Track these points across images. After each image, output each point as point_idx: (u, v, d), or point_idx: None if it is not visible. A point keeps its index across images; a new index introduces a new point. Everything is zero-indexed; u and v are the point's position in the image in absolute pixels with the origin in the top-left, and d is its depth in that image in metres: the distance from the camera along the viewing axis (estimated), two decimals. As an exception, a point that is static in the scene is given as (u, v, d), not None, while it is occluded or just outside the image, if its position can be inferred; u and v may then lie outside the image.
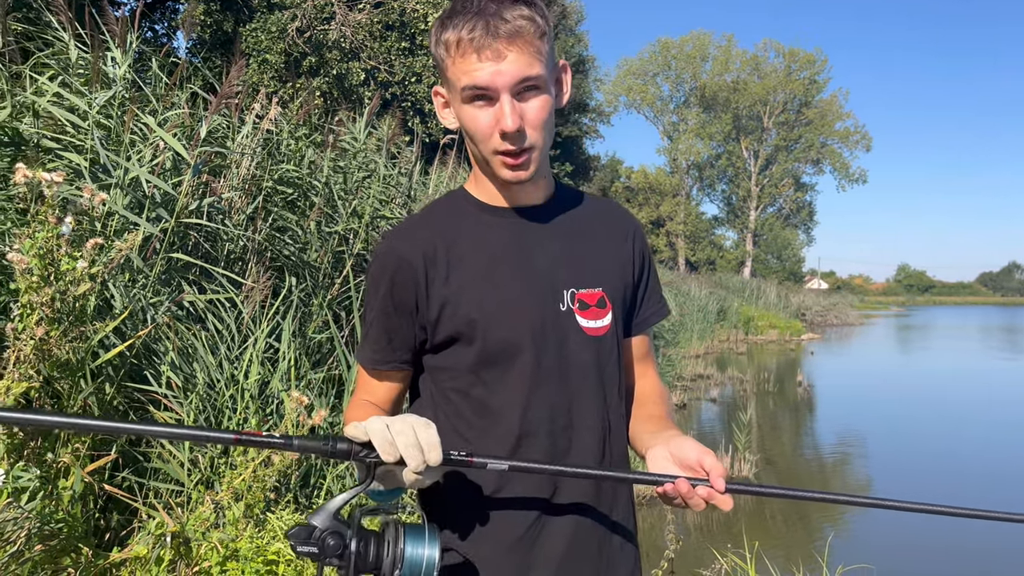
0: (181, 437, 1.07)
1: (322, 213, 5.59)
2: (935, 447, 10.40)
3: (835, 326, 40.33)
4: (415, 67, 14.20)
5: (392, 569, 1.05)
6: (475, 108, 1.24)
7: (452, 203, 1.40)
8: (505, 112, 1.21)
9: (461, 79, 1.22)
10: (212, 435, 1.01)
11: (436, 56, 1.27)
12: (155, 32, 13.46)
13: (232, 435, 0.98)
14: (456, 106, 1.28)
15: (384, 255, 1.34)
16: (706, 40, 57.99)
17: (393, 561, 1.06)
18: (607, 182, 46.71)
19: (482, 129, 1.25)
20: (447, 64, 1.24)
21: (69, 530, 2.70)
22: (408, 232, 1.37)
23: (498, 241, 1.34)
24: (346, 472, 4.03)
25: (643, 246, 1.49)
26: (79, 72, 4.71)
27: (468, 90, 1.22)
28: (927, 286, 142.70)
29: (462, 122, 1.29)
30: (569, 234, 1.39)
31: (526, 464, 1.14)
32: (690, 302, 22.61)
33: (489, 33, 1.19)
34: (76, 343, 3.01)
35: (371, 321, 1.36)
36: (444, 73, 1.27)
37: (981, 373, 20.43)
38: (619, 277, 1.42)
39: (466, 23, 1.20)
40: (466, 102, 1.24)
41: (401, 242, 1.34)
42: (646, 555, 5.90)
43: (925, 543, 6.47)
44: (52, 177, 2.77)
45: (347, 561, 1.04)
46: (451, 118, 1.32)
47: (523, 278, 1.33)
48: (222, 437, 0.99)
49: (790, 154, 58.92)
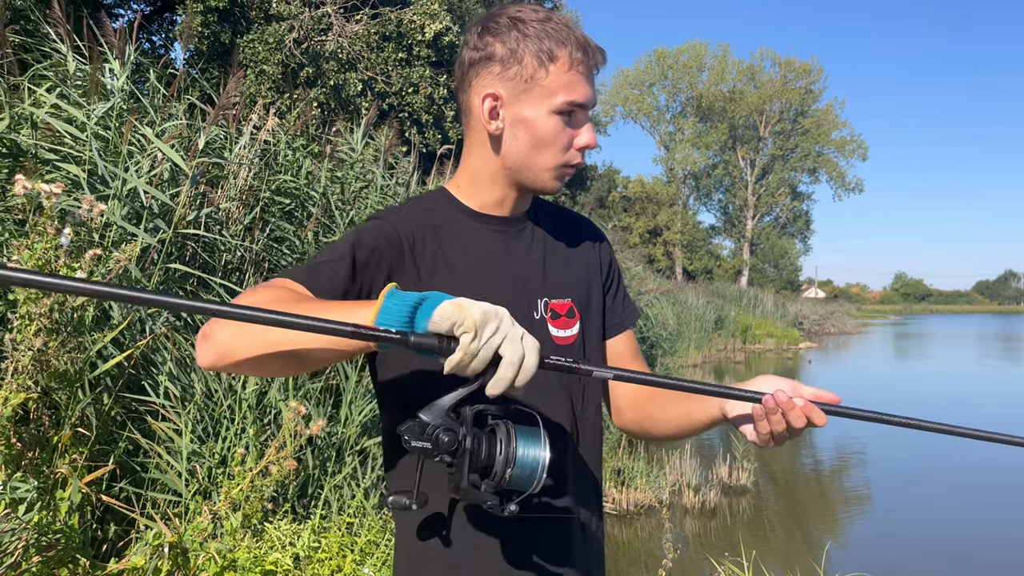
0: (289, 325, 0.89)
1: (319, 223, 5.60)
2: (933, 454, 10.40)
3: (832, 335, 40.36)
4: (412, 78, 14.24)
5: (504, 468, 1.05)
6: (560, 120, 1.29)
7: (435, 203, 1.38)
8: (592, 131, 1.32)
9: (561, 92, 1.27)
10: (329, 325, 0.91)
11: (519, 59, 1.27)
12: (153, 44, 13.50)
13: (350, 327, 0.91)
14: (532, 113, 1.28)
15: (378, 225, 1.30)
16: (702, 50, 58.21)
17: (506, 460, 1.05)
18: (604, 192, 46.77)
19: (561, 140, 1.30)
20: (541, 73, 1.27)
21: (67, 541, 2.70)
22: (399, 217, 1.34)
23: (482, 247, 1.36)
24: (343, 482, 4.03)
25: (610, 256, 1.55)
26: (77, 83, 4.72)
27: (567, 104, 1.28)
28: (924, 294, 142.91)
29: (539, 129, 1.29)
30: (544, 244, 1.43)
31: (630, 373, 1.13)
32: (687, 311, 22.61)
33: (595, 61, 1.30)
34: (74, 354, 3.02)
35: (337, 256, 1.23)
36: (527, 79, 1.27)
37: (979, 380, 20.45)
38: (587, 288, 1.46)
39: (577, 44, 1.27)
40: (555, 113, 1.28)
41: (395, 221, 1.32)
42: (644, 564, 5.89)
43: (923, 552, 6.47)
44: (51, 188, 2.78)
45: (461, 459, 1.04)
46: (496, 123, 1.30)
47: (502, 284, 1.35)
48: (339, 328, 0.91)
49: (786, 163, 59.05)
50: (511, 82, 1.28)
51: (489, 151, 1.33)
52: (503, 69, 1.28)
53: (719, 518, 7.14)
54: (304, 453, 3.96)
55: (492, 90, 1.29)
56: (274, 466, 3.08)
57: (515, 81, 1.27)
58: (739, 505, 7.54)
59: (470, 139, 1.37)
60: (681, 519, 7.13)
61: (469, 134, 1.37)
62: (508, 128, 1.30)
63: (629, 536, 6.54)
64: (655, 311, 15.35)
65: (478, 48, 1.29)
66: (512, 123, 1.29)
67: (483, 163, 1.35)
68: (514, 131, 1.30)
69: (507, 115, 1.29)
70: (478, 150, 1.35)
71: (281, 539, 3.23)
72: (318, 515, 3.52)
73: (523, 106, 1.28)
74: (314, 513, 3.59)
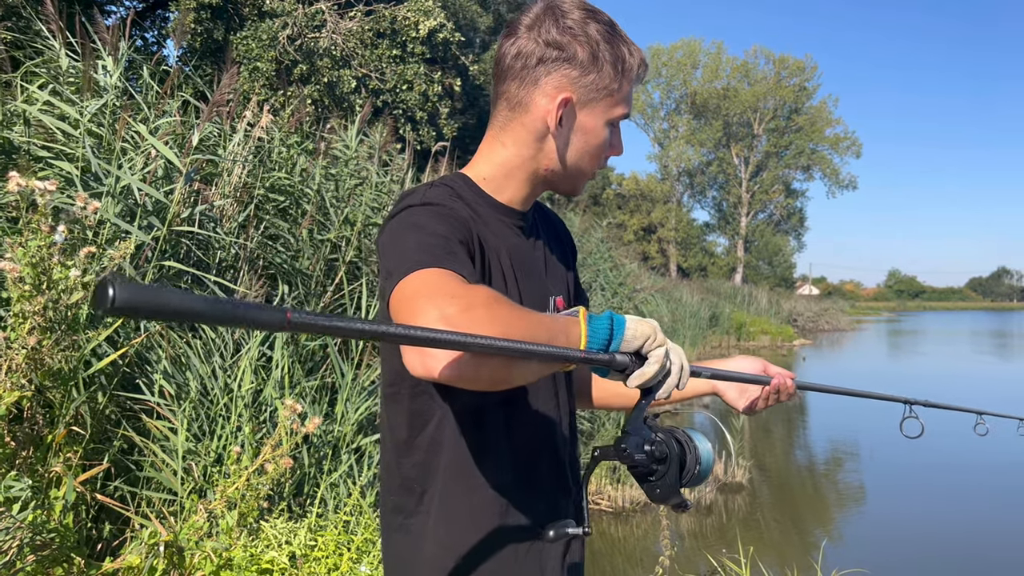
0: (535, 354, 0.91)
1: (314, 220, 5.59)
2: (929, 447, 10.42)
3: (827, 332, 40.45)
4: (406, 75, 14.21)
5: (695, 465, 1.18)
6: (608, 131, 1.31)
7: (464, 193, 1.30)
8: (621, 139, 1.36)
9: (622, 105, 1.29)
10: (565, 352, 0.96)
11: (599, 67, 1.24)
12: (146, 41, 13.45)
13: (580, 354, 1.00)
14: (593, 122, 1.28)
15: (441, 204, 1.21)
16: (696, 47, 58.29)
17: (696, 459, 1.18)
18: (598, 189, 46.77)
19: (604, 150, 1.33)
20: (615, 85, 1.26)
21: (61, 540, 2.69)
22: (460, 205, 1.25)
23: (513, 243, 1.32)
24: (340, 480, 4.02)
25: (574, 246, 1.58)
26: (70, 80, 4.69)
27: (623, 117, 1.31)
28: (917, 291, 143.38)
29: (595, 138, 1.29)
30: (543, 240, 1.43)
31: None
32: (682, 308, 22.63)
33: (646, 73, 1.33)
34: (68, 352, 3.00)
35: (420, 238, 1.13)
36: (601, 89, 1.26)
37: (972, 376, 20.51)
38: (570, 281, 1.49)
39: (642, 60, 1.29)
40: (610, 122, 1.30)
41: (453, 202, 1.24)
42: (641, 561, 5.89)
43: (919, 547, 6.48)
44: (45, 186, 2.76)
45: (668, 465, 1.16)
46: (555, 122, 1.26)
47: (533, 282, 1.34)
48: (573, 355, 0.98)
49: (780, 160, 59.18)
50: (585, 89, 1.25)
51: (534, 149, 1.29)
52: (581, 74, 1.24)
53: (715, 515, 7.15)
54: (300, 451, 3.94)
55: (568, 94, 1.25)
56: (270, 464, 3.07)
57: (589, 89, 1.25)
58: (735, 502, 7.55)
59: (512, 133, 1.30)
60: (677, 516, 7.13)
61: (513, 127, 1.30)
62: (564, 132, 1.27)
63: (625, 533, 6.54)
64: (650, 308, 15.36)
65: (556, 45, 1.23)
66: (570, 128, 1.27)
67: (523, 160, 1.31)
68: (570, 135, 1.28)
69: (568, 119, 1.27)
70: (521, 147, 1.30)
71: (277, 537, 3.22)
72: (314, 513, 3.50)
73: (588, 114, 1.27)
74: (310, 511, 3.58)
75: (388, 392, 1.29)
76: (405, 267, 1.05)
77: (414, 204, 1.20)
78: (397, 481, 1.29)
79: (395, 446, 1.29)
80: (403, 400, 1.27)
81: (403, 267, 1.05)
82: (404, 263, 1.06)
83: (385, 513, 1.33)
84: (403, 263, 1.06)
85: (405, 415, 1.27)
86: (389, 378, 1.29)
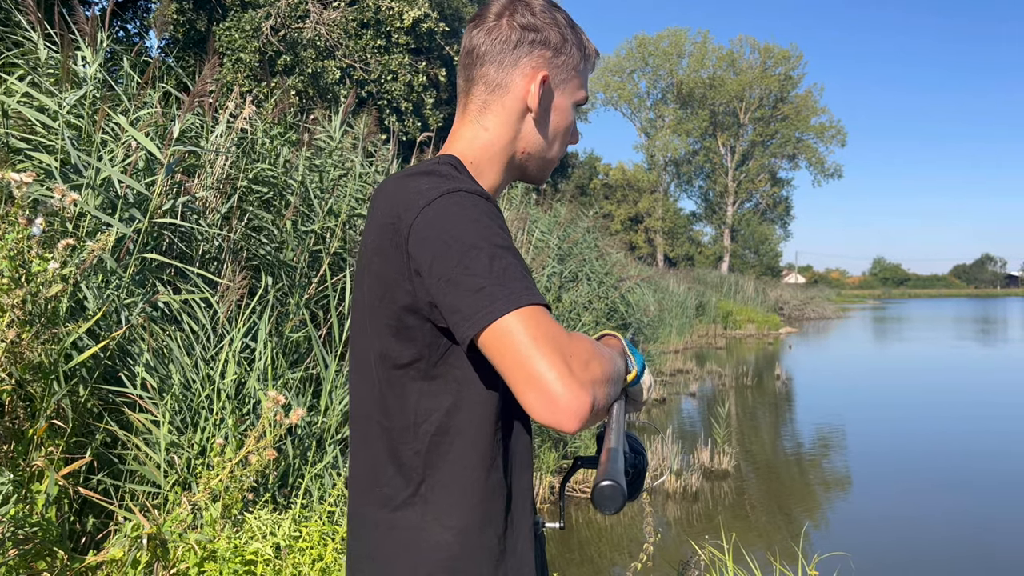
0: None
1: (298, 212, 5.56)
2: (913, 434, 10.53)
3: (813, 320, 40.69)
4: (391, 65, 14.15)
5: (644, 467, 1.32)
6: (574, 115, 1.37)
7: (467, 176, 1.26)
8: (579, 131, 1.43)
9: (584, 88, 1.37)
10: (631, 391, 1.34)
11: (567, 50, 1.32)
12: (127, 31, 13.32)
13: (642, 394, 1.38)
14: (564, 103, 1.35)
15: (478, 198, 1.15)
16: (682, 37, 58.25)
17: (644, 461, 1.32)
18: (585, 179, 46.78)
19: (569, 135, 1.39)
20: (581, 66, 1.35)
21: (44, 534, 2.68)
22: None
23: None
24: (324, 471, 4.02)
25: None
26: (49, 72, 4.65)
27: (585, 99, 1.38)
28: (902, 279, 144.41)
29: (564, 119, 1.35)
30: None
31: None
32: (669, 298, 22.70)
33: None
34: (48, 345, 2.98)
35: (503, 256, 1.08)
36: (571, 69, 1.33)
37: (956, 361, 20.70)
38: None
39: (594, 48, 1.39)
40: (576, 104, 1.36)
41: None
42: (627, 549, 5.93)
43: (902, 533, 6.55)
44: (22, 178, 2.74)
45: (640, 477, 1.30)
46: (536, 100, 1.30)
47: None
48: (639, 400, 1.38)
49: (766, 149, 59.33)
50: (558, 69, 1.31)
51: (514, 131, 1.31)
52: (555, 56, 1.31)
53: (701, 502, 7.19)
54: (284, 443, 3.94)
55: (545, 72, 1.30)
56: (254, 456, 3.06)
57: (562, 69, 1.32)
58: (720, 489, 7.60)
59: (493, 115, 1.30)
60: (663, 504, 7.18)
61: (494, 109, 1.30)
62: (542, 112, 1.32)
63: (611, 521, 6.57)
64: (636, 297, 15.39)
65: (531, 28, 1.29)
66: (547, 108, 1.32)
67: (504, 143, 1.31)
68: (545, 117, 1.32)
69: (546, 98, 1.32)
70: (502, 128, 1.31)
71: (262, 529, 3.22)
72: (299, 504, 3.51)
73: (560, 95, 1.33)
74: (295, 502, 3.58)
75: (383, 376, 1.21)
76: (500, 299, 1.04)
77: (463, 189, 1.15)
78: (391, 470, 1.21)
79: (392, 433, 1.22)
80: (409, 384, 1.21)
81: (495, 298, 1.04)
82: (494, 292, 1.04)
83: (367, 507, 1.25)
84: (492, 291, 1.04)
85: (411, 400, 1.20)
86: (391, 361, 1.20)
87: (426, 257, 1.10)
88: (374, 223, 1.21)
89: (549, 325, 1.04)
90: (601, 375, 1.05)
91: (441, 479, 1.20)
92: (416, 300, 1.13)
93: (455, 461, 1.20)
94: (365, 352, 1.26)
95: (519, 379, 1.01)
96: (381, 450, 1.23)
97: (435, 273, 1.09)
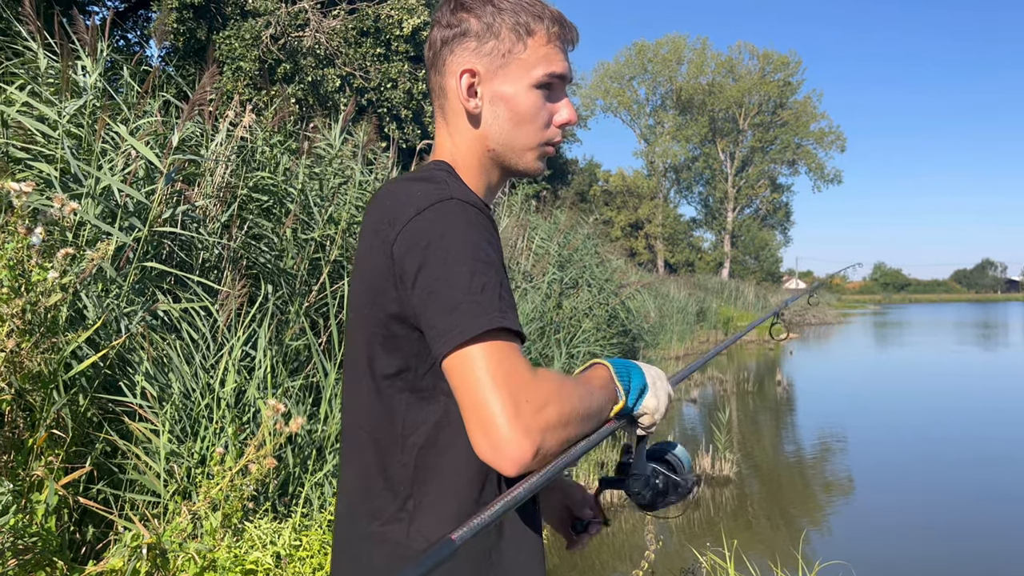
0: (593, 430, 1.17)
1: (298, 220, 5.57)
2: (915, 440, 10.50)
3: (814, 325, 40.66)
4: (390, 73, 14.18)
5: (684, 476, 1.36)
6: (540, 95, 1.25)
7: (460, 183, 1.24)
8: (571, 106, 1.30)
9: (540, 65, 1.24)
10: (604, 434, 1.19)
11: (496, 34, 1.23)
12: (127, 41, 13.37)
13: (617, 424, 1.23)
14: (512, 89, 1.24)
15: (470, 208, 1.14)
16: (681, 43, 58.38)
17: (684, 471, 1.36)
18: (585, 186, 46.78)
19: (542, 117, 1.27)
20: (519, 47, 1.24)
21: (43, 544, 2.67)
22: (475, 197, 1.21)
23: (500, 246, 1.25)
24: (324, 480, 4.01)
25: None
26: (49, 81, 4.66)
27: (547, 76, 1.25)
28: (903, 284, 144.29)
29: (520, 104, 1.24)
30: None
31: None
32: (669, 304, 22.69)
33: (571, 35, 1.29)
34: (48, 354, 2.98)
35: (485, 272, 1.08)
36: (504, 54, 1.24)
37: (956, 366, 20.67)
38: None
39: (552, 17, 1.26)
40: (535, 87, 1.25)
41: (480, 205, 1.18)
42: (628, 556, 5.91)
43: (903, 539, 6.53)
44: (21, 187, 2.74)
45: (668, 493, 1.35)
46: (474, 101, 1.24)
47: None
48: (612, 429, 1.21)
49: (766, 155, 59.43)
50: (488, 57, 1.23)
51: (472, 134, 1.26)
52: (479, 44, 1.23)
53: (702, 509, 7.17)
54: (284, 451, 3.94)
55: (469, 66, 1.24)
56: (254, 464, 3.06)
57: (492, 56, 1.23)
58: (722, 496, 7.59)
59: (451, 122, 1.29)
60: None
61: (448, 116, 1.29)
62: (488, 106, 1.24)
63: (612, 528, 6.55)
64: (636, 304, 15.39)
65: (451, 25, 1.24)
66: (491, 100, 1.24)
67: (469, 146, 1.28)
68: (494, 109, 1.24)
69: (485, 92, 1.24)
70: (462, 133, 1.27)
71: (262, 538, 3.21)
72: (299, 513, 3.50)
73: (502, 82, 1.24)
74: (295, 511, 3.57)
75: (371, 386, 1.19)
76: (471, 320, 1.04)
77: (456, 198, 1.13)
78: (380, 483, 1.19)
79: (380, 444, 1.20)
80: (396, 396, 1.18)
81: (467, 318, 1.04)
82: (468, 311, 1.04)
83: (353, 520, 1.22)
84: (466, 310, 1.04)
85: (399, 411, 1.18)
86: (379, 371, 1.18)
87: (412, 267, 1.09)
88: (367, 229, 1.20)
89: (512, 362, 1.04)
90: (557, 420, 1.03)
91: (428, 494, 1.17)
92: (403, 308, 1.12)
93: (444, 475, 1.17)
94: (356, 361, 1.23)
95: (470, 415, 1.03)
96: (371, 461, 1.21)
97: (419, 283, 1.09)
